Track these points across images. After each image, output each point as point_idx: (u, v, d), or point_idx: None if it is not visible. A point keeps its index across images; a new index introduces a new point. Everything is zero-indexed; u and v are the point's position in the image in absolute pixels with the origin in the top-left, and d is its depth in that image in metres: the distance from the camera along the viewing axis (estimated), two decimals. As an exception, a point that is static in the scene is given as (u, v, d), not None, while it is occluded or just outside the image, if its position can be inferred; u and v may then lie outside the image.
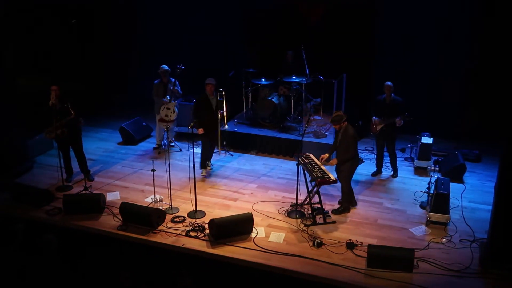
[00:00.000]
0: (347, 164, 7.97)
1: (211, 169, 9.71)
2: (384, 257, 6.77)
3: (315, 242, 7.30)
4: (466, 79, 10.61)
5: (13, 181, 9.24)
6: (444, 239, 7.47)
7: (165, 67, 10.34)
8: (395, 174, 9.45)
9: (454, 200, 8.35)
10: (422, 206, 8.42)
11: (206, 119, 9.26)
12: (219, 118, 9.65)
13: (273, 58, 11.45)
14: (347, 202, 8.17)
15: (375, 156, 9.70)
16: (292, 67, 10.92)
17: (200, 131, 9.25)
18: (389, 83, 8.97)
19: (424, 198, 8.46)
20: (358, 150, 10.36)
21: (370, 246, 6.94)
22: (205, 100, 9.34)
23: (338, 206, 8.24)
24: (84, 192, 8.87)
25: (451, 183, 8.15)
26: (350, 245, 7.25)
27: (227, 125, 10.57)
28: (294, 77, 10.67)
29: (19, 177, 9.52)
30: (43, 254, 6.81)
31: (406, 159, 10.22)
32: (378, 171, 9.58)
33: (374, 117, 9.16)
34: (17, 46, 10.16)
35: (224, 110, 10.21)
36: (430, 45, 10.65)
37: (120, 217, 8.03)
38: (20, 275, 6.70)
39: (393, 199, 8.67)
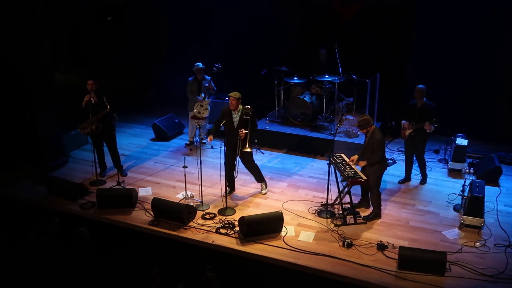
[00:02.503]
0: (374, 168, 7.81)
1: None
2: (415, 260, 6.68)
3: (345, 242, 7.26)
4: (504, 79, 10.37)
5: (49, 174, 9.47)
6: (478, 243, 7.32)
7: (200, 64, 10.40)
8: (423, 181, 9.15)
9: (489, 203, 8.19)
10: (455, 209, 8.27)
11: (228, 135, 8.38)
12: (240, 137, 8.18)
13: (306, 57, 11.40)
14: (378, 208, 8.00)
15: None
16: (325, 66, 10.86)
17: (210, 138, 8.49)
18: (421, 86, 8.59)
19: (458, 200, 8.30)
20: (391, 151, 10.40)
21: (401, 248, 6.86)
22: (227, 113, 8.37)
23: (369, 212, 8.12)
24: (117, 187, 9.01)
25: (486, 186, 7.99)
26: (381, 247, 7.18)
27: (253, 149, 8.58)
28: (327, 76, 10.60)
29: (54, 171, 9.75)
30: (76, 247, 6.95)
31: (439, 160, 10.04)
32: (407, 178, 9.24)
33: (404, 121, 8.81)
34: (55, 41, 10.37)
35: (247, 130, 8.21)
36: (467, 45, 10.44)
37: (151, 212, 8.14)
38: (53, 267, 6.86)
39: (426, 201, 8.55)
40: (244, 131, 8.14)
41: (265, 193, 8.82)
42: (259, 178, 8.84)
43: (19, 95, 9.60)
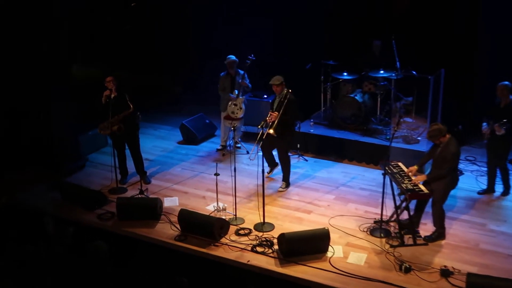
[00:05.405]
0: (441, 183, 7.65)
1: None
2: (486, 289, 6.54)
3: (403, 266, 7.16)
4: None
5: (64, 180, 9.66)
6: (561, 272, 7.12)
7: (232, 57, 10.45)
8: (506, 192, 9.00)
9: None
10: (535, 230, 8.08)
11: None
12: (269, 120, 8.83)
13: (357, 49, 11.33)
14: (441, 228, 7.90)
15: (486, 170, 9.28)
16: (380, 60, 10.78)
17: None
18: (503, 83, 8.44)
19: (538, 221, 8.13)
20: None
21: (469, 274, 6.73)
22: (274, 100, 9.32)
23: (431, 232, 7.95)
24: (139, 196, 9.10)
25: None
26: (445, 272, 7.05)
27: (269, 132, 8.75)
28: (382, 72, 10.52)
29: (70, 176, 9.94)
30: (92, 261, 7.06)
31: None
32: (489, 189, 9.12)
33: (484, 123, 8.69)
34: (72, 30, 10.56)
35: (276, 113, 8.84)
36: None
37: (178, 226, 8.19)
38: (68, 280, 6.98)
39: (499, 220, 8.36)
40: (276, 113, 8.81)
41: (281, 191, 9.32)
42: (285, 176, 9.46)
43: (33, 91, 9.81)
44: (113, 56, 12.73)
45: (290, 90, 8.96)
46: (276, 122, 8.74)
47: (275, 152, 9.59)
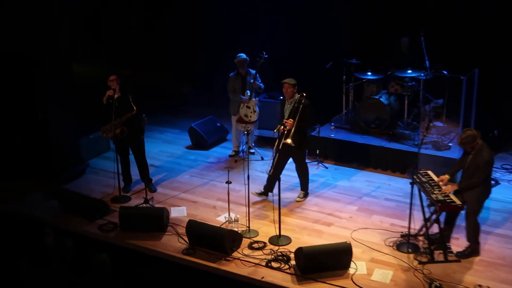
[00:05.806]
0: (473, 193, 7.56)
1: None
2: (526, 312, 6.44)
3: (433, 285, 7.04)
4: None
5: (62, 187, 9.66)
6: None
7: (243, 55, 10.41)
8: None
9: None
10: None
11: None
12: (285, 129, 8.63)
13: (382, 46, 11.28)
14: (475, 243, 7.82)
15: None
16: (408, 58, 10.73)
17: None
18: None
19: None
20: (494, 168, 10.05)
21: (507, 295, 6.62)
22: (282, 105, 9.11)
23: (465, 247, 7.85)
24: (144, 205, 9.09)
25: None
26: (480, 292, 6.97)
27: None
28: (409, 71, 10.48)
29: (69, 183, 9.94)
30: (95, 276, 7.02)
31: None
32: None
33: None
34: (73, 25, 10.56)
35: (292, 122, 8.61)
36: None
37: (186, 238, 8.15)
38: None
39: (539, 235, 8.27)
40: (291, 120, 8.62)
41: (299, 201, 9.28)
42: (303, 185, 9.41)
43: (30, 90, 9.82)
44: (117, 53, 12.77)
45: (304, 94, 8.79)
46: (292, 130, 8.62)
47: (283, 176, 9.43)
